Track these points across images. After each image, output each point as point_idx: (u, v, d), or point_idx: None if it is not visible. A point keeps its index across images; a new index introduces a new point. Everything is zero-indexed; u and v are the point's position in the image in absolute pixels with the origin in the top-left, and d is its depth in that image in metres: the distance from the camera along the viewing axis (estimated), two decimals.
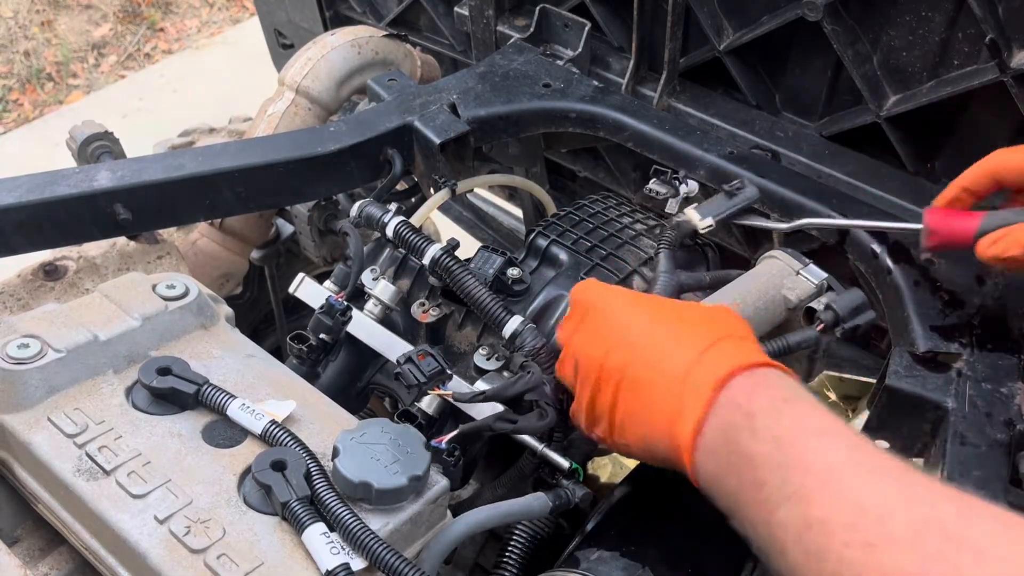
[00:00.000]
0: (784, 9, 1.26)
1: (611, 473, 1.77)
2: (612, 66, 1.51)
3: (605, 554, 0.94)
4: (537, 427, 0.93)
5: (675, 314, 0.84)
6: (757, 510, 0.68)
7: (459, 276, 1.03)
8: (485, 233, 2.12)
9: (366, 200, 1.12)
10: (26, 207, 1.11)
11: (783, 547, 0.64)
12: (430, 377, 0.95)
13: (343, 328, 1.12)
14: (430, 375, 0.95)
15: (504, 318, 1.00)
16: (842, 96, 1.32)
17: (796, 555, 0.63)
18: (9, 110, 4.26)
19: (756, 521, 0.68)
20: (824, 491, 0.63)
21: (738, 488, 0.70)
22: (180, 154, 1.21)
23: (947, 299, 1.05)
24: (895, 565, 0.57)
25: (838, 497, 0.62)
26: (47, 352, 0.85)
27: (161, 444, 0.83)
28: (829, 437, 0.68)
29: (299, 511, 0.75)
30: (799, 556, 0.63)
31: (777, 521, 0.65)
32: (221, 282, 1.55)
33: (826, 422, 0.69)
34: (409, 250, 1.07)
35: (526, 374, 0.95)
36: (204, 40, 4.76)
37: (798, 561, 0.63)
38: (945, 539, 0.57)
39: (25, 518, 0.87)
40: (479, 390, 0.99)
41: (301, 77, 1.48)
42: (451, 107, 1.32)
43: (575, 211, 1.23)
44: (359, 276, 1.12)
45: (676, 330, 0.81)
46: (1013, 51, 1.10)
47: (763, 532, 0.67)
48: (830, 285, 1.03)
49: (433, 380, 0.95)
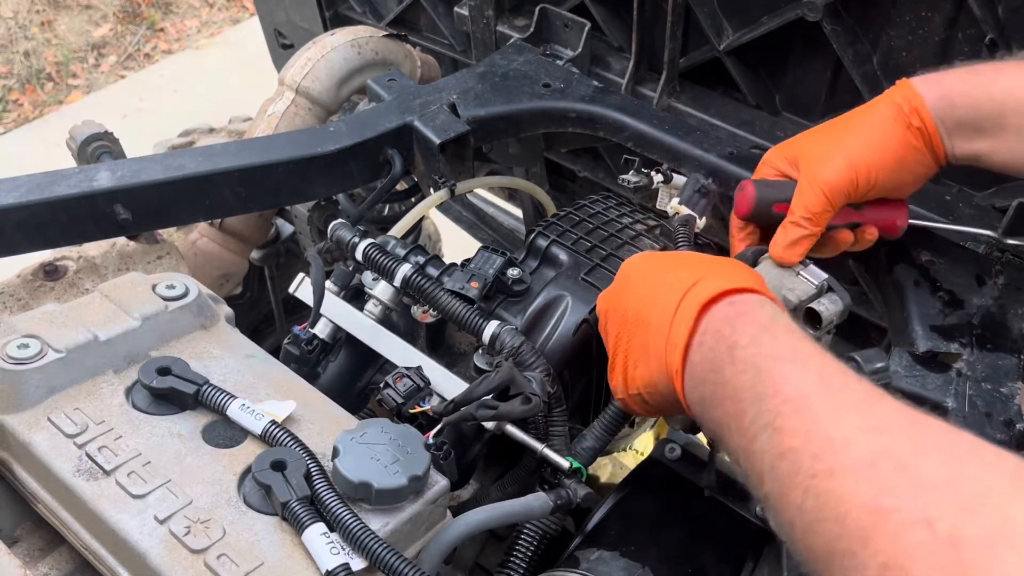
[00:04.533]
0: (784, 9, 1.26)
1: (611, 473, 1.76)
2: (612, 66, 1.51)
3: (605, 554, 0.94)
4: (519, 411, 0.92)
5: (681, 261, 0.90)
6: (739, 439, 0.71)
7: (431, 294, 1.04)
8: (485, 233, 2.12)
9: (338, 222, 1.13)
10: (26, 207, 1.11)
11: (759, 476, 0.68)
12: (407, 397, 0.98)
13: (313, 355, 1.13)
14: (406, 395, 0.98)
15: (481, 325, 1.01)
16: (842, 96, 1.32)
17: (771, 484, 0.66)
18: (9, 110, 4.26)
19: (738, 450, 0.71)
20: (795, 419, 0.66)
21: (722, 417, 0.74)
22: (180, 154, 1.21)
23: (947, 299, 1.05)
24: (851, 492, 0.59)
25: (808, 427, 0.65)
26: (47, 352, 0.85)
27: (161, 444, 0.83)
28: (800, 364, 0.70)
29: (299, 511, 0.75)
30: (773, 485, 0.66)
31: (756, 450, 0.68)
32: (221, 282, 1.55)
33: (799, 348, 0.72)
34: (380, 272, 1.08)
35: (493, 372, 0.96)
36: (204, 40, 4.76)
37: (772, 490, 0.66)
38: (900, 470, 0.58)
39: (25, 518, 0.87)
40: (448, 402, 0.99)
41: (301, 77, 1.48)
42: (451, 107, 1.32)
43: (575, 211, 1.23)
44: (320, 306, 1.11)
45: (676, 273, 0.85)
46: (1013, 51, 1.10)
47: (744, 461, 0.71)
48: (830, 286, 1.03)
49: (411, 400, 0.98)
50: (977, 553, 0.52)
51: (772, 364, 0.71)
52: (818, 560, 0.61)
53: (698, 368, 0.77)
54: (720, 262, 0.89)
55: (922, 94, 0.96)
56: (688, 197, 1.17)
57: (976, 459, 0.59)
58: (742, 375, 0.72)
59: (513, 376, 0.94)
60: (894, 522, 0.56)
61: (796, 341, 0.73)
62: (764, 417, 0.68)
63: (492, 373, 0.95)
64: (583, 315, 1.08)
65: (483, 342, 1.01)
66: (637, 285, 0.89)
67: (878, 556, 0.56)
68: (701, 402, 0.77)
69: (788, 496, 0.64)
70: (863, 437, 0.62)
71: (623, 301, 0.90)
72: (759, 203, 1.04)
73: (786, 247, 1.00)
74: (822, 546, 0.60)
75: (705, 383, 0.76)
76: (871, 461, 0.60)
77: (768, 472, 0.66)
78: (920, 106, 0.96)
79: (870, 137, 0.98)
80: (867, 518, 0.57)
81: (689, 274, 0.83)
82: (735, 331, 0.75)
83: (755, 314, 0.77)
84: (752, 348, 0.73)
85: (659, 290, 0.84)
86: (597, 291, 1.09)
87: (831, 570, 0.60)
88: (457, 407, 0.94)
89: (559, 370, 1.04)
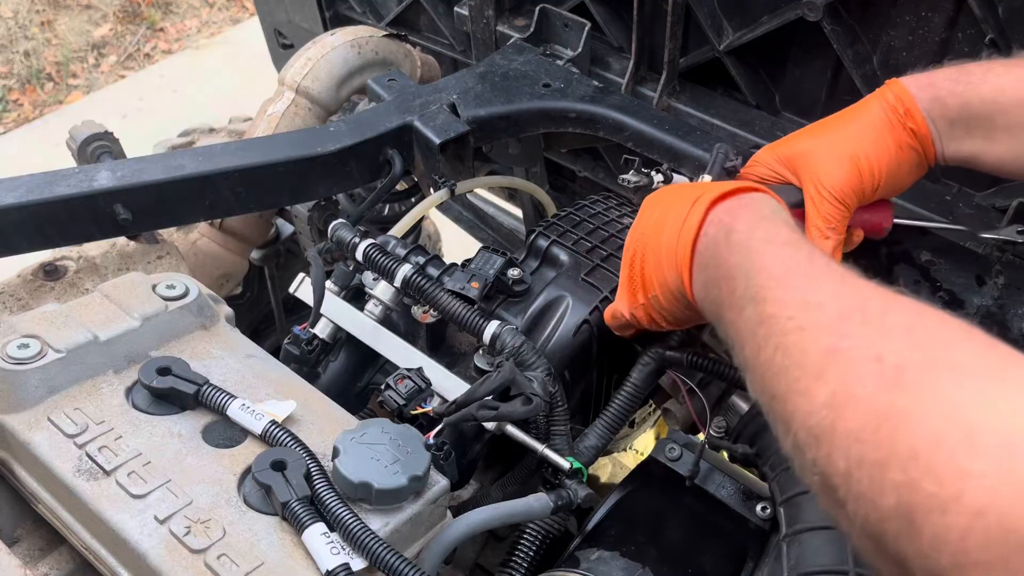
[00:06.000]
0: (784, 9, 1.26)
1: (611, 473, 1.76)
2: (612, 66, 1.51)
3: (605, 554, 0.94)
4: (521, 412, 0.92)
5: (696, 184, 0.98)
6: (729, 312, 0.76)
7: (431, 294, 1.04)
8: (485, 233, 2.12)
9: (338, 222, 1.13)
10: (26, 207, 1.10)
11: (743, 342, 0.73)
12: (408, 399, 0.97)
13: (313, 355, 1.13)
14: (407, 397, 0.97)
15: (482, 325, 1.01)
16: (842, 96, 1.32)
17: (751, 348, 0.71)
18: (9, 110, 4.26)
19: (728, 323, 0.77)
20: (777, 290, 0.70)
21: (718, 296, 0.79)
22: (180, 154, 1.21)
23: (947, 299, 1.05)
24: (813, 340, 0.64)
25: (787, 295, 0.69)
26: (47, 352, 0.85)
27: (161, 444, 0.83)
28: (792, 248, 0.75)
29: (299, 511, 0.75)
30: (753, 349, 0.70)
31: (743, 319, 0.73)
32: (221, 282, 1.55)
33: (793, 236, 0.77)
34: (380, 273, 1.08)
35: (495, 372, 0.96)
36: (204, 40, 4.76)
37: (752, 353, 0.70)
38: (864, 323, 0.62)
39: (25, 518, 0.87)
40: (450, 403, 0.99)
41: (301, 77, 1.48)
42: (451, 107, 1.31)
43: (575, 211, 1.23)
44: (320, 305, 1.10)
45: (691, 188, 0.92)
46: (1013, 51, 1.10)
47: (732, 332, 0.76)
48: None
49: (413, 401, 0.98)
50: (916, 375, 0.56)
51: (764, 246, 0.76)
52: (777, 405, 0.65)
53: (701, 256, 0.83)
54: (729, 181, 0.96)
55: (914, 95, 0.96)
56: (718, 175, 1.10)
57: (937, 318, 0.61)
58: (735, 255, 0.78)
59: (514, 376, 0.94)
60: (847, 359, 0.60)
61: (790, 232, 0.78)
62: (751, 290, 0.73)
63: (494, 373, 0.95)
64: (584, 315, 1.08)
65: (484, 342, 1.01)
66: (654, 207, 0.94)
67: (828, 386, 0.60)
68: (704, 287, 0.83)
69: (761, 355, 0.68)
70: (836, 300, 0.66)
71: (641, 224, 0.95)
72: None
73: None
74: (782, 390, 0.64)
75: (706, 268, 0.82)
76: (839, 316, 0.64)
77: (749, 338, 0.71)
78: (913, 107, 0.96)
79: (869, 139, 0.97)
80: (824, 358, 0.62)
81: (702, 187, 0.89)
82: (735, 219, 0.81)
83: (757, 206, 0.83)
84: (747, 233, 0.79)
85: (674, 202, 0.90)
86: (598, 291, 1.10)
87: (787, 410, 0.64)
88: (459, 407, 0.94)
89: (560, 370, 1.04)
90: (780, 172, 1.03)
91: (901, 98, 0.96)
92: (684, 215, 0.86)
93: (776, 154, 1.04)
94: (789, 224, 0.79)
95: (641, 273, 0.94)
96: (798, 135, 1.05)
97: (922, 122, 0.96)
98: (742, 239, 0.78)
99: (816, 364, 0.62)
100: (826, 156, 0.98)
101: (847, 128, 1.00)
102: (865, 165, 0.97)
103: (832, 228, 0.97)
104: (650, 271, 0.92)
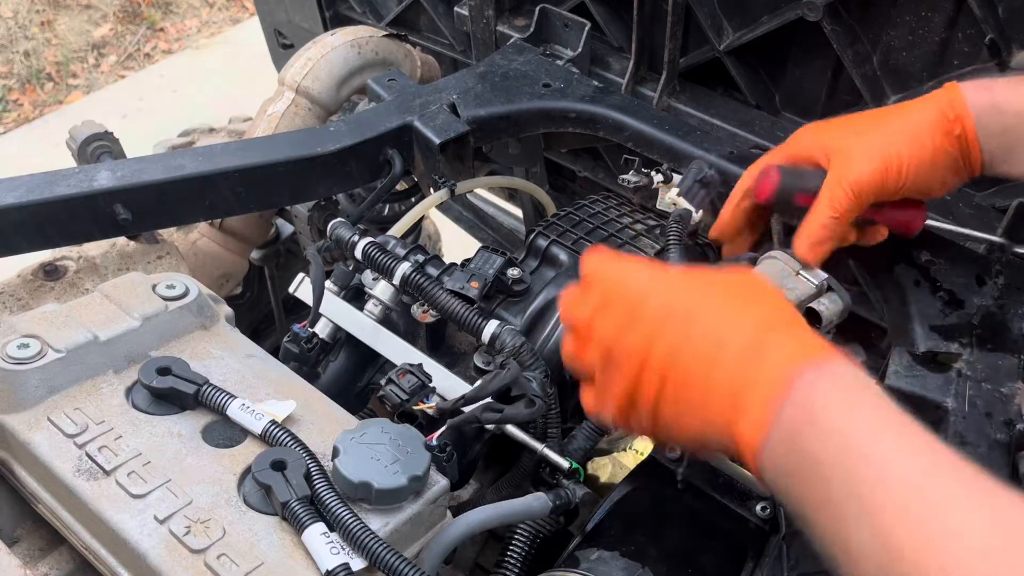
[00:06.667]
0: (784, 9, 1.26)
1: (611, 473, 1.76)
2: (612, 66, 1.51)
3: (605, 554, 0.94)
4: (525, 415, 0.93)
5: (716, 291, 0.78)
6: (825, 516, 0.64)
7: (431, 293, 1.04)
8: (485, 233, 2.12)
9: (337, 221, 1.12)
10: (26, 207, 1.10)
11: (847, 554, 0.62)
12: (411, 394, 0.97)
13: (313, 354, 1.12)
14: (411, 392, 0.97)
15: (481, 324, 1.01)
16: (842, 96, 1.32)
17: (861, 563, 0.60)
18: (9, 110, 4.26)
19: (826, 528, 0.64)
20: (903, 518, 0.59)
21: (805, 493, 0.66)
22: (180, 154, 1.21)
23: (947, 299, 1.05)
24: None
25: (918, 523, 0.58)
26: (47, 352, 0.85)
27: (161, 444, 0.83)
28: (897, 440, 0.64)
29: (299, 511, 0.75)
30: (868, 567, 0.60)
31: (854, 542, 0.61)
32: (221, 282, 1.55)
33: (892, 419, 0.65)
34: (380, 271, 1.08)
35: (501, 371, 0.96)
36: (204, 40, 4.76)
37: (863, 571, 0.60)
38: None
39: (25, 518, 0.87)
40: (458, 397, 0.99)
41: (301, 77, 1.48)
42: (451, 107, 1.32)
43: (575, 211, 1.23)
44: (319, 304, 1.10)
45: (723, 313, 0.74)
46: (1013, 51, 1.10)
47: (820, 531, 0.65)
48: (830, 285, 1.03)
49: (415, 396, 0.97)
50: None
51: (862, 441, 0.64)
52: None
53: (775, 442, 0.68)
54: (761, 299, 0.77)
55: (970, 100, 0.94)
56: (688, 187, 1.13)
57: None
58: (827, 449, 0.64)
59: (518, 377, 0.94)
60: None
61: (885, 409, 0.66)
62: (855, 504, 0.61)
63: (502, 372, 0.95)
64: None
65: (483, 342, 1.01)
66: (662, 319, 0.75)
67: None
68: (778, 474, 0.69)
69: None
70: (982, 530, 0.56)
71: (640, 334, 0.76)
72: (782, 191, 1.00)
73: (812, 245, 0.98)
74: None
75: (785, 456, 0.67)
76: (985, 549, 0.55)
77: (856, 553, 0.61)
78: (964, 114, 0.94)
79: (906, 139, 0.96)
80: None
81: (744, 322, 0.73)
82: (815, 398, 0.67)
83: (839, 379, 0.69)
84: (839, 418, 0.65)
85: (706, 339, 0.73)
86: None
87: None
88: (467, 403, 0.95)
89: (560, 371, 1.04)
90: (815, 157, 1.02)
91: (954, 104, 0.94)
92: (738, 373, 0.70)
93: (818, 140, 1.02)
94: (879, 397, 0.67)
95: (655, 399, 0.75)
96: (843, 121, 1.03)
97: (971, 129, 0.94)
98: (833, 429, 0.65)
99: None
100: (860, 150, 0.97)
101: (889, 124, 0.98)
102: (894, 164, 0.95)
103: (835, 217, 0.96)
104: (683, 410, 0.74)
